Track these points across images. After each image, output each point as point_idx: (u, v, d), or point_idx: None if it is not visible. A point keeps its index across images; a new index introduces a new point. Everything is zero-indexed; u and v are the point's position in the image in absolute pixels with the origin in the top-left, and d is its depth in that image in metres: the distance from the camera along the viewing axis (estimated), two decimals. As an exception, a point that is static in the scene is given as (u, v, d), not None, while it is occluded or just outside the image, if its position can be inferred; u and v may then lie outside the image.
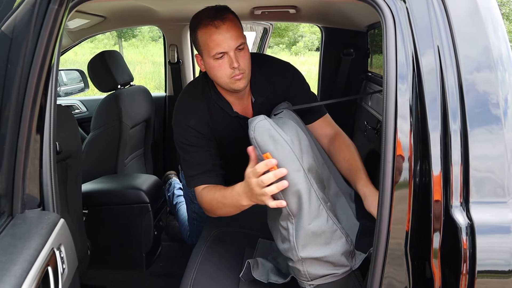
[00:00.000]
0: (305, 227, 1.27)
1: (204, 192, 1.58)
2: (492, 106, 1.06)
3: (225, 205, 1.48)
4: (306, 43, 22.47)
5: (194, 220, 2.31)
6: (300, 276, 1.33)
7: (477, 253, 1.01)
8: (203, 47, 1.54)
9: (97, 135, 2.41)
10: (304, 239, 1.28)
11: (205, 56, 1.55)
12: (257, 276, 1.49)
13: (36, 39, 0.90)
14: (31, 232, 0.87)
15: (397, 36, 1.09)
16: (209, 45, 1.51)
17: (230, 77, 1.55)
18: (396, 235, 1.10)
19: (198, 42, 1.55)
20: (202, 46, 1.54)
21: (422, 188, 1.08)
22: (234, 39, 1.50)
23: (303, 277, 1.32)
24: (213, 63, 1.54)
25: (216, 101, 1.68)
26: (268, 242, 1.74)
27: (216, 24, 1.49)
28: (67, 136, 1.53)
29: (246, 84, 1.61)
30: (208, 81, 1.68)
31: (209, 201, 1.55)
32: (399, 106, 1.09)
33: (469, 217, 1.03)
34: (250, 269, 1.50)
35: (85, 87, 3.45)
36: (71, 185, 1.65)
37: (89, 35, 2.87)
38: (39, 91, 0.95)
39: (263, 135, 1.26)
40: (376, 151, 1.98)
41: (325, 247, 1.30)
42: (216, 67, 1.54)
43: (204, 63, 1.59)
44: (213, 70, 1.56)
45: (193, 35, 1.57)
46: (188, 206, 2.32)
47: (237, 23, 1.55)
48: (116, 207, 2.16)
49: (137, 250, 2.21)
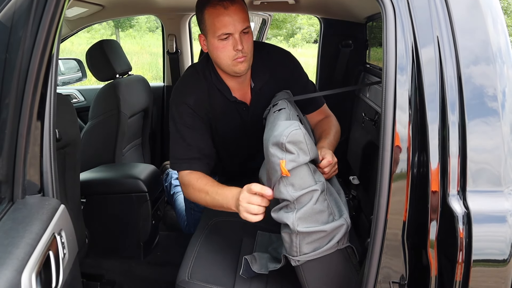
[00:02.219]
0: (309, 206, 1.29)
1: (192, 178, 1.58)
2: (490, 99, 1.07)
3: (213, 200, 1.49)
4: (304, 35, 22.39)
5: (191, 210, 2.32)
6: (292, 251, 1.32)
7: (473, 242, 1.02)
8: (209, 27, 1.54)
9: (95, 125, 2.41)
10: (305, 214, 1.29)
11: (210, 36, 1.55)
12: (257, 270, 1.50)
13: (37, 26, 0.90)
14: (32, 217, 0.87)
15: (397, 27, 1.09)
16: (216, 25, 1.51)
17: (233, 59, 1.55)
18: (393, 225, 1.11)
19: (204, 22, 1.55)
20: (208, 25, 1.54)
21: (420, 179, 1.09)
22: (241, 22, 1.51)
23: (294, 251, 1.32)
24: (217, 44, 1.54)
25: (215, 84, 1.68)
26: (267, 234, 1.75)
27: (225, 5, 1.49)
28: (66, 124, 1.53)
29: (248, 68, 1.62)
30: (209, 64, 1.68)
31: (197, 188, 1.55)
32: (398, 97, 1.09)
33: (466, 205, 1.04)
34: (248, 265, 1.51)
35: (82, 77, 3.43)
36: (69, 173, 1.65)
37: (87, 24, 2.86)
38: (39, 79, 0.95)
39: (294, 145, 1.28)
40: (374, 143, 1.99)
41: (322, 225, 1.30)
42: (220, 48, 1.55)
43: (208, 44, 1.59)
44: (216, 51, 1.56)
45: (200, 14, 1.57)
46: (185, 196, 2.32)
47: (244, 6, 1.56)
48: (114, 196, 2.16)
49: (135, 239, 2.22)
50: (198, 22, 1.61)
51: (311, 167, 1.34)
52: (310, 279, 1.35)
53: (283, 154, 1.29)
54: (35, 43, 0.93)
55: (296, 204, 1.29)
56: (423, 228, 1.09)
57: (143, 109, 2.73)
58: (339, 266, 1.35)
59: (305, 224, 1.29)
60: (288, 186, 1.30)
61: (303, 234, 1.29)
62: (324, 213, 1.31)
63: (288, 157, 1.28)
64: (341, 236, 1.31)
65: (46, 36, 0.94)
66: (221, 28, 1.51)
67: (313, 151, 1.32)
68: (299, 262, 1.32)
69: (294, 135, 1.28)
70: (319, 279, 1.36)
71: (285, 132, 1.29)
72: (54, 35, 0.97)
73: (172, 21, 3.02)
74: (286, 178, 1.29)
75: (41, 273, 0.81)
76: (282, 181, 1.30)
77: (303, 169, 1.30)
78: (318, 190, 1.29)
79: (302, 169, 1.30)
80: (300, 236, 1.30)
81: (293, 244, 1.31)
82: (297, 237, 1.30)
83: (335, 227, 1.30)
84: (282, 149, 1.29)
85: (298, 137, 1.29)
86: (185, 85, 1.70)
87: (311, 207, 1.28)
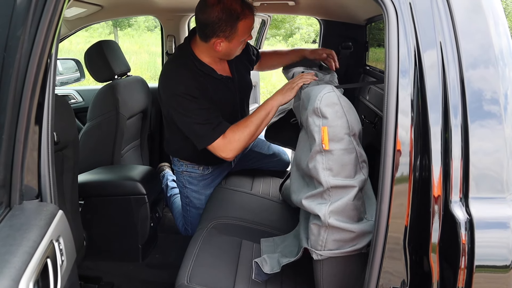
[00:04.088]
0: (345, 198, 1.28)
1: (228, 134, 1.81)
2: (492, 101, 1.07)
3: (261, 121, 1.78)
4: (302, 35, 22.35)
5: (187, 205, 2.35)
6: (317, 244, 1.32)
7: (476, 248, 1.02)
8: (240, 34, 1.82)
9: (93, 126, 2.39)
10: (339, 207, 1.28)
11: (235, 41, 1.84)
12: (270, 271, 1.49)
13: (35, 28, 0.88)
14: (30, 224, 0.86)
15: (399, 30, 1.08)
16: (246, 31, 1.83)
17: (240, 51, 1.94)
18: (395, 229, 1.10)
19: (237, 30, 1.80)
20: (240, 33, 1.81)
21: (422, 183, 1.08)
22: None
23: (319, 244, 1.31)
24: (238, 44, 1.87)
25: (200, 68, 1.92)
26: (270, 239, 1.74)
27: (253, 12, 1.81)
28: (64, 126, 1.52)
29: None
30: (188, 56, 1.93)
31: (238, 132, 1.80)
32: (400, 100, 1.09)
33: (468, 212, 1.03)
34: (260, 268, 1.50)
35: (81, 77, 3.41)
36: (67, 175, 1.64)
37: (86, 24, 2.84)
38: (38, 82, 0.94)
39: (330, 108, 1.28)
40: (374, 146, 1.98)
41: (352, 223, 1.29)
42: (237, 47, 1.89)
43: (229, 46, 1.85)
44: (233, 50, 1.89)
45: (230, 24, 1.78)
46: (181, 192, 2.35)
47: None
48: (113, 198, 2.15)
49: (134, 242, 2.21)
50: (220, 30, 1.79)
51: (359, 158, 1.31)
52: (326, 275, 1.35)
53: (319, 120, 1.27)
54: (34, 44, 0.92)
55: (332, 195, 1.27)
56: (425, 233, 1.08)
57: (141, 110, 2.71)
58: (357, 269, 1.35)
59: (337, 217, 1.27)
60: (326, 171, 1.27)
61: (332, 228, 1.27)
62: (357, 211, 1.30)
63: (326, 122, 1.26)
64: (366, 243, 1.30)
65: (45, 38, 0.93)
66: (248, 35, 1.86)
67: (350, 115, 1.30)
68: (322, 256, 1.32)
69: (328, 97, 1.27)
70: (335, 276, 1.36)
71: (319, 96, 1.27)
72: (53, 36, 0.95)
73: (171, 22, 3.01)
74: (327, 157, 1.26)
75: (38, 281, 0.80)
76: (322, 160, 1.27)
77: (347, 156, 1.28)
78: (356, 186, 1.27)
79: (345, 155, 1.28)
80: (329, 231, 1.28)
81: (320, 238, 1.30)
82: (326, 231, 1.29)
83: (364, 231, 1.29)
84: (318, 114, 1.27)
85: (332, 99, 1.27)
86: (169, 79, 1.90)
87: (346, 202, 1.27)
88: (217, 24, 1.77)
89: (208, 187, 2.29)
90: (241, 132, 1.80)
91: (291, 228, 1.84)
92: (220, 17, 1.75)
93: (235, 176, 2.42)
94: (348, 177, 1.28)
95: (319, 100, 1.28)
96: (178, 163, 2.26)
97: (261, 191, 2.30)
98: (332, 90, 1.31)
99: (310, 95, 1.39)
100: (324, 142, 1.26)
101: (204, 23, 1.80)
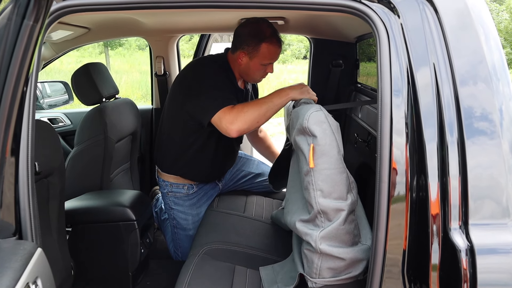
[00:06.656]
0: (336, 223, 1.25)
1: (238, 106, 1.87)
2: (487, 117, 1.06)
3: (272, 103, 1.82)
4: (293, 51, 22.60)
5: (174, 228, 2.33)
6: (311, 272, 1.30)
7: (478, 274, 0.99)
8: (262, 55, 1.98)
9: (81, 150, 2.34)
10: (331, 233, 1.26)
11: (256, 60, 2.00)
12: None
13: (9, 56, 0.83)
14: (4, 266, 0.80)
15: (391, 50, 1.07)
16: (267, 56, 1.99)
17: (260, 77, 2.11)
18: (393, 251, 1.07)
19: (259, 50, 1.97)
20: (261, 54, 1.98)
21: (419, 203, 1.06)
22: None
23: (314, 272, 1.29)
24: (257, 67, 2.03)
25: (229, 76, 2.09)
26: (270, 267, 1.69)
27: (279, 44, 2.00)
28: (47, 153, 1.46)
29: None
30: (224, 63, 2.11)
31: (255, 108, 1.83)
32: (395, 120, 1.08)
33: (469, 239, 1.00)
34: None
35: (69, 99, 3.36)
36: (53, 203, 1.58)
37: (74, 47, 2.80)
38: (13, 111, 0.88)
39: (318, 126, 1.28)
40: (367, 164, 1.95)
41: (346, 248, 1.27)
42: (258, 69, 2.04)
43: (249, 63, 2.02)
44: (253, 70, 2.05)
45: (254, 42, 1.96)
46: (169, 215, 2.33)
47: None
48: (101, 225, 2.09)
49: (123, 269, 2.14)
50: (246, 44, 1.99)
51: (349, 179, 1.29)
52: None
53: (309, 138, 1.25)
54: (8, 73, 0.87)
55: (324, 221, 1.25)
56: (424, 259, 1.04)
57: (131, 132, 2.66)
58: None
59: (329, 242, 1.25)
60: (317, 191, 1.25)
61: (326, 256, 1.25)
62: (351, 235, 1.28)
63: (315, 141, 1.24)
64: (362, 270, 1.29)
65: (20, 65, 0.86)
66: (270, 59, 2.01)
67: (339, 134, 1.29)
68: (317, 284, 1.30)
69: (315, 116, 1.25)
70: None
71: (306, 115, 1.25)
72: (29, 63, 0.90)
73: (160, 43, 2.98)
74: (315, 177, 1.24)
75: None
76: (312, 179, 1.25)
77: (338, 176, 1.26)
78: (344, 210, 1.25)
79: (336, 175, 1.25)
80: (323, 258, 1.26)
81: (314, 266, 1.29)
82: (320, 258, 1.27)
83: (358, 258, 1.27)
84: (307, 133, 1.25)
85: (320, 117, 1.25)
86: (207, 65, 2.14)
87: (337, 227, 1.25)
88: (245, 37, 1.99)
89: (194, 207, 2.28)
90: (251, 106, 1.85)
91: (285, 251, 1.79)
92: (250, 32, 1.98)
93: (227, 197, 2.37)
94: (340, 198, 1.26)
95: (306, 120, 1.27)
96: (163, 183, 2.28)
97: (254, 213, 2.25)
98: (319, 109, 1.31)
99: (298, 114, 1.38)
100: (310, 159, 1.24)
101: (238, 34, 2.04)
